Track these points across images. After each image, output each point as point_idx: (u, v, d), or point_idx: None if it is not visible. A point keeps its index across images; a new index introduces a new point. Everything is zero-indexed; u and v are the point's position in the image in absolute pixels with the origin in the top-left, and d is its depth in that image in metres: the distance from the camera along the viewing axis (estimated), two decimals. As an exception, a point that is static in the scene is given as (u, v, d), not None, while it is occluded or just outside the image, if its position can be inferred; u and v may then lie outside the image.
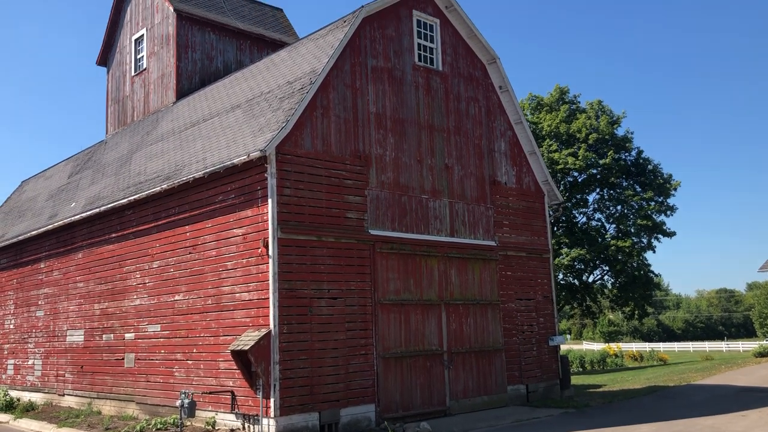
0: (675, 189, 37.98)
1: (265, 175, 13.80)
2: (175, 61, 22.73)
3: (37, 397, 21.02)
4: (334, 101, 15.27)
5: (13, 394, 21.67)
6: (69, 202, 22.01)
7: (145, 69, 24.25)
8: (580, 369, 39.43)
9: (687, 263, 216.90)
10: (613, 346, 49.88)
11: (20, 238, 22.68)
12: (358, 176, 15.37)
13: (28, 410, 19.52)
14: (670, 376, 26.81)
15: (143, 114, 23.93)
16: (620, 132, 39.13)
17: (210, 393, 14.34)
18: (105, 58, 26.63)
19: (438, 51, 17.88)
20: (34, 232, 21.89)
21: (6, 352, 23.47)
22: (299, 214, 14.06)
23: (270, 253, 13.49)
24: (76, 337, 19.63)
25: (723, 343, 72.57)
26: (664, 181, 37.84)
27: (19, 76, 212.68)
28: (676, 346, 75.02)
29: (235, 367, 13.75)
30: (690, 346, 73.24)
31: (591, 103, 40.01)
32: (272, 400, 13.04)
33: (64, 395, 19.90)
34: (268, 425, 13.05)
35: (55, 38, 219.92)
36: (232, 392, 13.94)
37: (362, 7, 16.01)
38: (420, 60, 17.42)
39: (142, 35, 24.64)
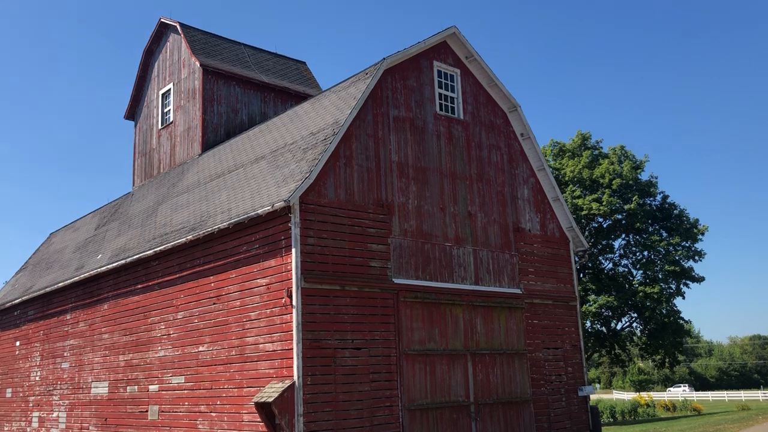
0: (702, 234, 37.50)
1: (289, 224, 13.87)
2: (201, 114, 23.21)
3: (60, 451, 20.90)
4: (357, 151, 15.42)
5: (37, 447, 21.58)
6: (96, 253, 22.28)
7: (171, 122, 24.78)
8: (611, 419, 38.38)
9: (718, 309, 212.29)
10: (645, 396, 48.57)
11: (47, 289, 22.92)
12: (381, 225, 15.39)
13: (52, 464, 19.39)
14: (705, 427, 25.93)
15: (169, 166, 24.35)
16: (644, 177, 39.00)
17: (233, 446, 14.14)
18: (133, 112, 27.31)
19: (459, 100, 18.06)
20: (60, 284, 22.12)
21: (31, 405, 23.48)
22: (323, 264, 14.05)
23: (294, 302, 13.46)
24: (101, 389, 19.60)
25: (759, 392, 70.33)
26: (690, 226, 37.41)
27: (49, 129, 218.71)
28: (710, 395, 72.85)
29: (259, 420, 13.58)
30: (725, 395, 71.08)
31: (613, 148, 40.02)
32: (296, 453, 12.81)
33: (87, 448, 19.76)
34: (292, 480, 12.78)
35: (83, 93, 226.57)
36: (256, 445, 13.73)
37: (384, 59, 16.29)
38: (441, 109, 17.59)
39: (169, 89, 25.27)
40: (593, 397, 52.59)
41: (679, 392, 72.11)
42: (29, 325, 24.61)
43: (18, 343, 25.12)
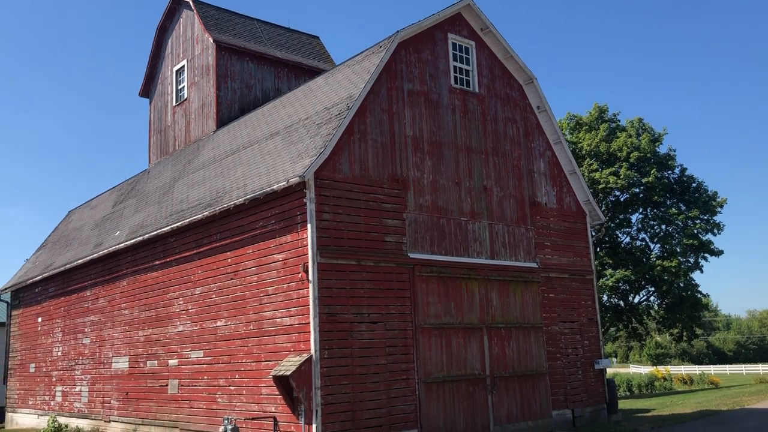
0: (721, 206, 37.09)
1: (304, 200, 13.90)
2: (215, 91, 23.20)
3: (84, 424, 21.34)
4: (371, 126, 15.35)
5: (62, 420, 22.03)
6: (114, 230, 22.50)
7: (186, 99, 24.80)
8: (628, 393, 38.45)
9: (736, 283, 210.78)
10: (662, 369, 48.54)
11: (67, 266, 23.22)
12: (396, 200, 15.37)
13: (76, 436, 19.82)
14: (722, 399, 25.90)
15: (185, 143, 24.43)
16: (662, 150, 38.52)
17: (253, 419, 14.35)
18: (147, 89, 27.35)
19: (474, 73, 17.88)
20: (80, 261, 22.39)
21: (54, 379, 23.94)
22: (338, 239, 14.09)
23: (310, 277, 13.53)
24: (121, 363, 19.92)
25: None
26: (709, 199, 36.99)
27: (65, 108, 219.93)
28: (727, 368, 72.65)
29: (276, 393, 13.75)
30: (743, 368, 70.83)
31: (631, 120, 39.52)
32: (314, 425, 12.98)
33: (110, 421, 20.14)
34: (311, 451, 12.97)
35: (98, 71, 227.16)
36: (275, 418, 13.92)
37: (397, 32, 16.13)
38: (456, 82, 17.43)
39: (183, 66, 25.25)
40: (610, 370, 52.61)
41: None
42: (50, 302, 25.00)
43: (40, 320, 25.54)
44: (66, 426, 21.31)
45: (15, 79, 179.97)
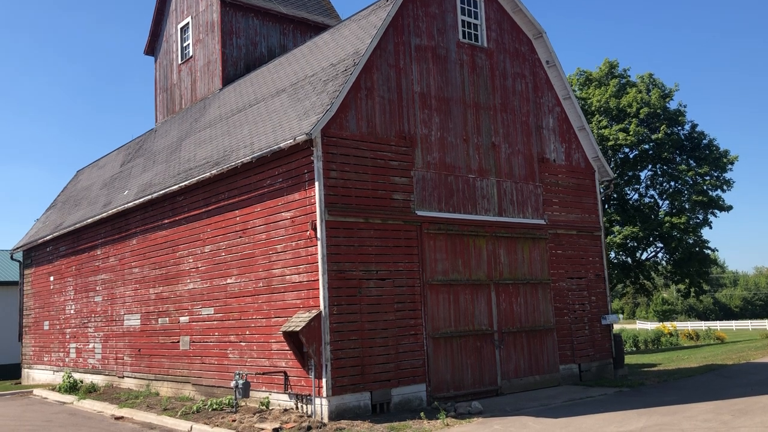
0: (732, 163, 36.75)
1: (312, 158, 13.86)
2: (220, 48, 22.97)
3: (98, 379, 21.76)
4: (378, 82, 15.20)
5: (76, 376, 22.47)
6: (122, 190, 22.56)
7: (191, 57, 24.58)
8: (634, 348, 38.77)
9: (744, 239, 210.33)
10: (668, 325, 48.79)
11: (77, 226, 23.37)
12: (403, 157, 15.30)
13: (90, 392, 20.24)
14: (728, 354, 26.11)
15: (191, 101, 24.30)
16: (673, 105, 38.03)
17: (263, 374, 14.59)
18: (152, 47, 27.09)
19: (482, 27, 17.60)
20: (89, 220, 22.52)
21: (68, 336, 24.33)
22: (346, 197, 14.09)
23: (318, 235, 13.58)
24: (133, 321, 20.19)
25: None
26: (720, 156, 36.63)
27: (71, 68, 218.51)
28: (733, 324, 72.99)
29: (287, 348, 13.94)
30: (749, 324, 71.18)
31: (641, 76, 38.92)
32: (324, 380, 13.18)
33: (123, 377, 20.53)
34: (321, 405, 13.21)
35: (103, 29, 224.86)
36: (285, 373, 14.15)
37: (404, -15, 15.83)
38: (464, 37, 17.17)
39: (188, 23, 24.95)
40: (616, 326, 52.95)
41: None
42: (61, 261, 25.24)
43: (52, 278, 25.84)
44: (81, 381, 21.75)
45: (19, 37, 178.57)
